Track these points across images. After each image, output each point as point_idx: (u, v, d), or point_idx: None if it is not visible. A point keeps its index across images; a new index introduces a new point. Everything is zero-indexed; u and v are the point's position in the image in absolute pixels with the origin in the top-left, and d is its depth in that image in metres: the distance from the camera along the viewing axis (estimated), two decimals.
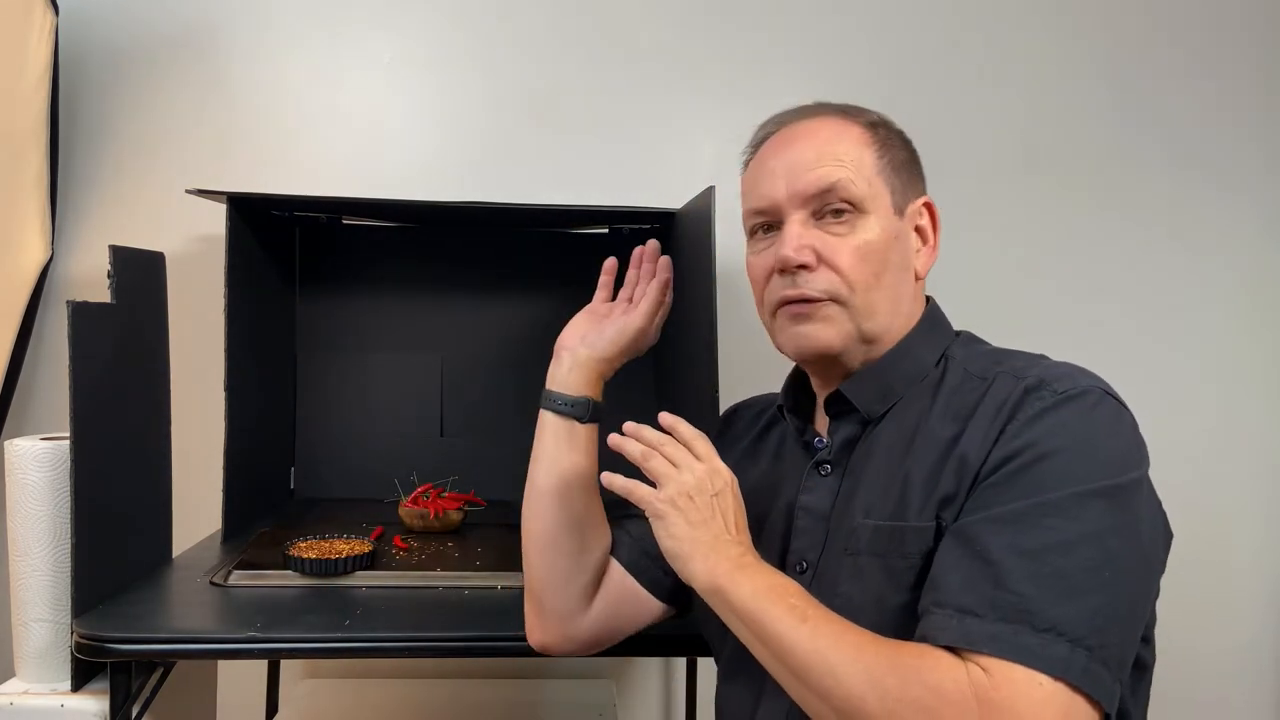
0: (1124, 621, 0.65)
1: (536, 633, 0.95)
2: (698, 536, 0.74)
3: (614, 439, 0.80)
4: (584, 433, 0.93)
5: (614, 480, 0.78)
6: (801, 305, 0.80)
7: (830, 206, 0.80)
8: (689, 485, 0.75)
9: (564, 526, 0.92)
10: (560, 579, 0.92)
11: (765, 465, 0.92)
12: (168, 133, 1.63)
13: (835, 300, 0.79)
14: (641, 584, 0.94)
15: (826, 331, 0.80)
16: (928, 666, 0.63)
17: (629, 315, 0.98)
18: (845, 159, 0.80)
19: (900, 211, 0.83)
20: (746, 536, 0.77)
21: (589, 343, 0.95)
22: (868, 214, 0.80)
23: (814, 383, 0.89)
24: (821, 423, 0.88)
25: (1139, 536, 0.67)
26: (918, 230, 0.85)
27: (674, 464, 0.77)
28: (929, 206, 0.86)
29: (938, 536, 0.71)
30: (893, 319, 0.82)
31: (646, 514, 0.76)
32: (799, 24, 1.70)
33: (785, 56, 1.70)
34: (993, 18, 1.72)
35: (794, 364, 0.93)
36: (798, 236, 0.80)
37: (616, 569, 0.94)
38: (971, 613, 0.64)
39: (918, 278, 0.85)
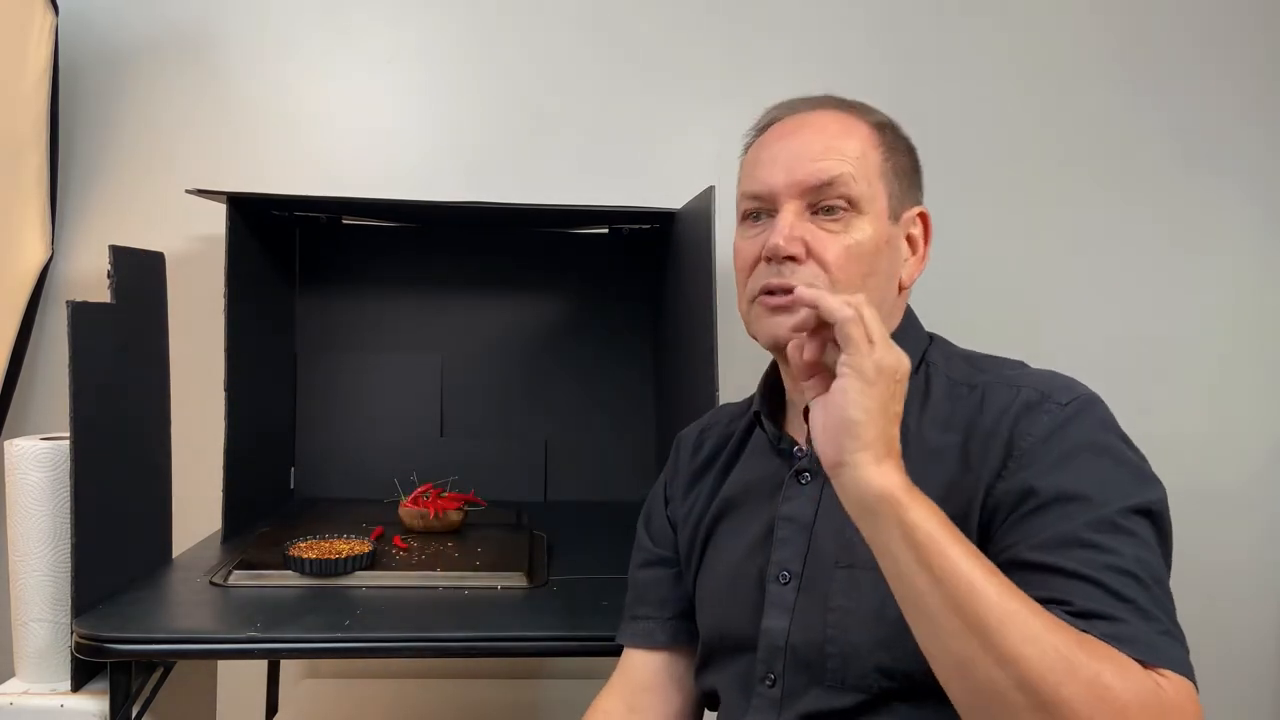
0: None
1: None
2: (877, 418, 0.64)
3: (803, 291, 0.69)
4: None
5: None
6: (782, 297, 0.78)
7: (825, 201, 0.79)
8: (889, 363, 0.65)
9: None
10: None
11: (742, 476, 0.89)
12: (168, 133, 1.63)
13: None
14: (680, 653, 0.91)
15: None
16: (1118, 665, 0.59)
17: None
18: (850, 155, 0.79)
19: (895, 217, 0.82)
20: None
21: None
22: (863, 214, 0.79)
23: (789, 386, 0.87)
24: (797, 428, 0.85)
25: (1170, 551, 0.69)
26: (909, 239, 0.84)
27: (871, 340, 0.66)
28: (923, 216, 0.85)
29: None
30: None
31: (838, 367, 0.66)
32: (800, 23, 1.70)
33: (786, 56, 1.70)
34: (993, 11, 1.72)
35: (766, 370, 0.91)
36: (789, 227, 0.78)
37: (651, 664, 0.91)
38: (1114, 618, 0.63)
39: (902, 287, 0.84)
